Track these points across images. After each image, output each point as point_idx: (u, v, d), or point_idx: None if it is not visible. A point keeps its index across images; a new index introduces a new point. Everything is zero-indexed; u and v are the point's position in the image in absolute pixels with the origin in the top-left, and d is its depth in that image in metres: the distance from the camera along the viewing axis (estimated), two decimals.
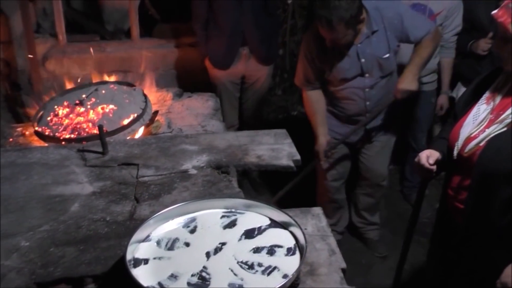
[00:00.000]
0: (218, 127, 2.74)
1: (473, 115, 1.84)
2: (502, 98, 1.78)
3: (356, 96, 2.84)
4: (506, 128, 1.71)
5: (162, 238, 1.50)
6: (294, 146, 2.20)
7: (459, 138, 1.85)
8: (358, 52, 2.71)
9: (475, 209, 1.83)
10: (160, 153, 2.16)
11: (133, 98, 2.69)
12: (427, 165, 1.96)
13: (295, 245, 1.44)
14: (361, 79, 2.79)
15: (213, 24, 3.42)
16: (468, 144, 1.81)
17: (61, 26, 3.69)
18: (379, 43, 2.70)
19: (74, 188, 1.91)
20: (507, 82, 1.79)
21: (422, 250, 3.23)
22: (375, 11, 2.63)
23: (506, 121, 1.71)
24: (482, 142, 1.76)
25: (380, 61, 2.74)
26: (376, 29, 2.66)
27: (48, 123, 2.56)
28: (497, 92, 1.81)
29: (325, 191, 3.29)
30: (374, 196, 3.32)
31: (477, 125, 1.80)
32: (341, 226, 3.44)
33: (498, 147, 1.70)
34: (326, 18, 2.46)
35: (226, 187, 1.90)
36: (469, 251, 1.90)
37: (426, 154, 1.98)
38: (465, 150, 1.82)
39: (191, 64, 3.82)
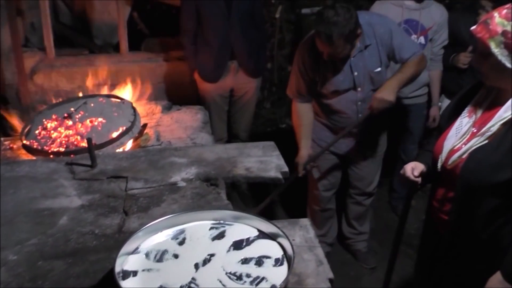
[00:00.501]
0: (207, 140, 2.77)
1: (456, 128, 1.87)
2: (483, 111, 1.82)
3: (348, 109, 2.88)
4: (487, 141, 1.74)
5: (151, 250, 1.50)
6: (282, 158, 2.22)
7: (442, 150, 1.88)
8: (351, 65, 2.75)
9: (459, 220, 1.85)
10: (149, 165, 2.16)
11: (122, 111, 2.70)
12: (412, 177, 1.99)
13: (283, 256, 1.45)
14: (353, 92, 2.82)
15: (201, 38, 3.45)
16: (451, 157, 1.84)
17: (50, 40, 3.71)
18: (371, 57, 2.74)
19: (62, 201, 1.91)
20: (488, 96, 1.83)
21: (410, 262, 3.25)
22: (368, 26, 2.68)
23: (487, 133, 1.74)
24: (465, 154, 1.79)
25: (372, 75, 2.78)
26: (368, 43, 2.71)
27: (36, 137, 2.56)
28: (478, 105, 1.84)
29: (316, 201, 3.31)
30: (364, 205, 3.35)
31: (460, 138, 1.83)
32: (330, 237, 3.45)
33: (480, 160, 1.73)
34: (326, 34, 2.49)
35: (215, 199, 1.91)
36: (454, 262, 1.93)
37: (411, 166, 2.01)
38: (449, 163, 1.85)
39: (180, 77, 3.84)
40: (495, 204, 1.75)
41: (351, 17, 2.50)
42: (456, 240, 1.89)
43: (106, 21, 4.02)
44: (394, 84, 2.71)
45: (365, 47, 2.71)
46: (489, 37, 1.66)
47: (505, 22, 1.63)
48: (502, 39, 1.63)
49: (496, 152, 1.70)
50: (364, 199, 3.32)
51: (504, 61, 1.65)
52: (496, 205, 1.75)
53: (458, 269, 1.92)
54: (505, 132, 1.70)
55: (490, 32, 1.65)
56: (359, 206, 3.36)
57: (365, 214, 3.42)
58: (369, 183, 3.25)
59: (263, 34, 3.69)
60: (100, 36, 4.09)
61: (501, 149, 1.69)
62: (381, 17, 2.82)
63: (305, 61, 2.80)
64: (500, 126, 1.72)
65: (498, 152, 1.69)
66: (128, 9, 4.01)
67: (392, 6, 3.27)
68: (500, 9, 1.68)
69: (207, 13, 3.34)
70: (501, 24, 1.64)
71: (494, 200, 1.74)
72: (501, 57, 1.65)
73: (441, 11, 3.36)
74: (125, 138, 2.53)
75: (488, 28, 1.66)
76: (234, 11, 3.32)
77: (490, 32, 1.65)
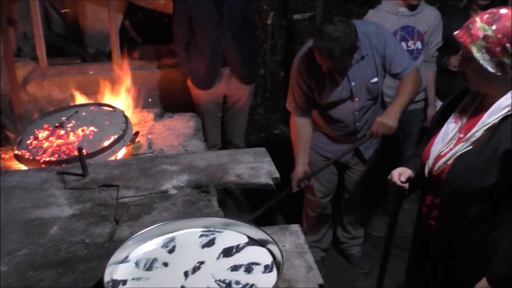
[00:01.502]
0: (199, 147, 2.77)
1: (442, 134, 1.87)
2: (469, 116, 1.82)
3: (346, 119, 2.89)
4: (472, 146, 1.74)
5: (141, 258, 1.50)
6: (273, 164, 2.22)
7: (429, 156, 1.89)
8: (348, 76, 2.75)
9: (445, 226, 1.85)
10: (140, 173, 2.17)
11: (113, 119, 2.70)
12: (398, 183, 1.98)
13: (273, 262, 1.46)
14: (350, 102, 2.83)
15: (193, 46, 3.47)
16: (437, 162, 1.84)
17: (42, 49, 3.72)
18: (368, 68, 2.75)
19: (53, 211, 1.91)
20: (474, 101, 1.83)
21: (404, 266, 3.23)
22: (364, 36, 2.67)
23: (472, 139, 1.74)
24: (450, 160, 1.79)
25: (368, 85, 2.79)
26: (365, 54, 2.71)
27: (28, 146, 2.56)
28: (465, 110, 1.84)
29: (313, 207, 3.30)
30: (359, 210, 3.35)
31: (446, 144, 1.83)
32: (325, 243, 3.45)
33: (465, 165, 1.74)
34: (327, 50, 2.49)
35: (205, 206, 1.91)
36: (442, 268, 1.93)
37: (398, 171, 2.01)
38: (435, 168, 1.85)
39: (172, 84, 3.86)
40: (480, 210, 1.75)
41: (350, 31, 2.50)
42: (443, 245, 1.90)
43: (99, 30, 4.03)
44: (396, 110, 2.71)
45: (361, 58, 2.72)
46: (471, 41, 1.66)
47: (486, 26, 1.64)
48: (484, 43, 1.64)
49: (480, 158, 1.70)
50: (359, 205, 3.33)
51: (486, 65, 1.65)
52: (481, 211, 1.75)
53: (446, 274, 1.92)
54: (489, 137, 1.70)
55: (472, 36, 1.66)
56: (354, 211, 3.37)
57: (360, 219, 3.42)
58: (365, 189, 3.26)
59: (255, 41, 3.71)
60: (93, 45, 4.10)
61: (485, 154, 1.69)
62: (376, 26, 2.82)
63: (302, 73, 2.80)
64: (484, 131, 1.72)
65: (482, 158, 1.69)
66: (120, 17, 4.03)
67: (387, 14, 3.29)
68: (482, 14, 1.69)
69: (199, 20, 3.35)
70: (482, 29, 1.64)
71: (479, 206, 1.74)
72: (483, 62, 1.65)
73: (435, 13, 3.39)
74: (116, 147, 2.53)
75: (470, 33, 1.67)
76: (225, 18, 3.33)
77: (471, 36, 1.66)
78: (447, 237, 1.86)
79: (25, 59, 3.85)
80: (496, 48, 1.62)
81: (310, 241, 3.38)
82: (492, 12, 1.67)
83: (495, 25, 1.63)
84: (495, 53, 1.63)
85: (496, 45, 1.62)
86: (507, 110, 1.67)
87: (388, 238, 2.29)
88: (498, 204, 1.73)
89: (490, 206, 1.74)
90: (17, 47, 3.88)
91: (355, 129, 2.94)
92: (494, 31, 1.62)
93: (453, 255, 1.87)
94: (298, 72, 2.81)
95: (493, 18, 1.64)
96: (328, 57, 2.53)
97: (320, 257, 3.40)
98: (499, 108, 1.69)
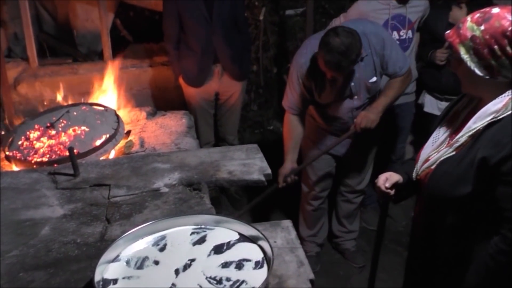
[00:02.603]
0: (192, 144, 2.76)
1: (433, 138, 1.79)
2: (462, 121, 1.72)
3: (344, 116, 2.91)
4: (455, 152, 1.66)
5: (132, 257, 1.50)
6: (265, 161, 2.22)
7: (419, 159, 1.82)
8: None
9: (422, 235, 1.81)
10: (132, 172, 2.16)
11: (105, 118, 2.70)
12: (382, 188, 1.91)
13: (263, 258, 1.46)
14: (349, 100, 2.85)
15: (184, 43, 3.45)
16: (422, 166, 1.78)
17: (33, 50, 3.70)
18: (367, 68, 2.76)
19: (44, 211, 1.90)
20: (468, 105, 1.73)
21: (399, 259, 3.27)
22: (363, 37, 2.65)
23: (455, 145, 1.66)
24: (434, 165, 1.72)
25: (368, 85, 2.81)
26: (364, 54, 2.71)
27: (19, 147, 2.55)
28: (457, 115, 1.76)
29: (309, 201, 3.32)
30: (354, 202, 3.37)
31: (436, 148, 1.75)
32: (321, 237, 3.46)
33: (444, 171, 1.66)
34: (335, 63, 2.51)
35: (197, 203, 1.91)
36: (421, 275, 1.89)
37: (385, 176, 1.93)
38: (419, 172, 1.80)
39: (164, 83, 3.85)
40: (457, 220, 1.67)
41: (356, 42, 2.51)
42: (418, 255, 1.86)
43: (90, 29, 4.02)
44: (379, 108, 2.79)
45: (361, 59, 2.71)
46: (459, 42, 1.57)
47: (474, 26, 1.54)
48: (471, 44, 1.54)
49: (460, 165, 1.62)
50: (354, 197, 3.34)
51: (474, 67, 1.56)
52: (458, 222, 1.67)
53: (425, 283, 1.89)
54: (471, 144, 1.61)
55: (460, 36, 1.57)
56: (350, 204, 3.37)
57: (355, 212, 3.43)
58: (360, 181, 3.27)
59: (246, 38, 3.69)
60: (84, 44, 4.09)
61: (464, 161, 1.61)
62: (374, 26, 2.82)
63: (302, 75, 2.79)
64: (467, 137, 1.62)
65: (461, 165, 1.61)
66: (111, 16, 4.01)
67: (378, 4, 3.29)
68: (474, 13, 1.58)
69: (189, 18, 3.34)
70: (470, 29, 1.55)
71: (456, 216, 1.67)
72: (471, 64, 1.56)
73: (423, 1, 3.39)
74: (108, 146, 2.53)
75: (459, 33, 1.58)
76: (215, 16, 3.32)
77: (460, 36, 1.57)
78: (423, 245, 1.81)
79: (16, 59, 3.83)
80: (483, 50, 1.53)
81: (306, 235, 3.40)
82: (484, 11, 1.56)
83: (484, 25, 1.53)
84: (482, 55, 1.53)
85: (483, 47, 1.52)
86: (492, 116, 1.57)
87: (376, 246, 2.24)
88: (475, 216, 1.65)
89: (467, 217, 1.65)
90: (8, 47, 3.86)
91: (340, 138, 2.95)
92: (482, 31, 1.52)
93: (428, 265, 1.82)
94: (297, 72, 2.80)
95: (483, 18, 1.54)
96: (336, 69, 2.55)
97: (315, 252, 3.42)
98: (484, 114, 1.59)
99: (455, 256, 1.73)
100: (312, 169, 3.20)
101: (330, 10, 4.46)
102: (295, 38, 4.55)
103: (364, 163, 3.22)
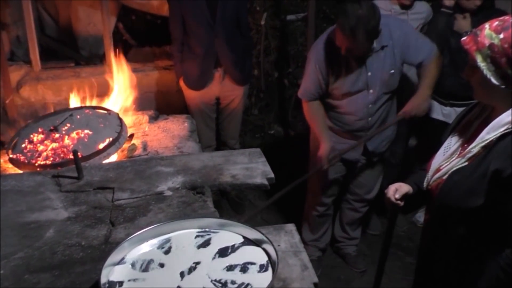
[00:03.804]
0: (194, 148, 2.78)
1: (444, 147, 1.78)
2: (474, 131, 1.70)
3: (359, 112, 2.86)
4: (467, 163, 1.65)
5: (137, 260, 1.51)
6: (268, 165, 2.23)
7: (430, 169, 1.81)
8: (366, 65, 2.73)
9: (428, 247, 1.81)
10: (135, 176, 2.17)
11: (108, 122, 2.71)
12: (392, 199, 1.91)
13: (268, 262, 1.47)
14: (365, 94, 2.80)
15: (187, 46, 3.47)
16: (434, 176, 1.77)
17: (35, 53, 3.72)
18: (386, 59, 2.73)
19: (49, 214, 1.91)
20: (481, 115, 1.72)
21: (399, 263, 3.29)
22: (385, 27, 2.65)
23: (468, 155, 1.64)
24: (445, 175, 1.71)
25: (385, 77, 2.77)
26: (385, 44, 2.70)
27: (23, 150, 2.56)
28: (470, 124, 1.74)
29: (316, 207, 3.30)
30: (360, 211, 3.35)
31: (448, 158, 1.73)
32: (323, 242, 3.46)
33: (456, 182, 1.65)
34: (350, 27, 2.46)
35: (201, 207, 1.92)
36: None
37: (395, 187, 1.93)
38: (430, 182, 1.79)
39: (166, 86, 3.87)
40: (467, 231, 1.67)
41: (374, 13, 2.49)
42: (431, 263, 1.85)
43: (92, 33, 4.04)
44: (426, 92, 2.80)
45: (381, 48, 2.70)
46: (476, 49, 1.55)
47: (493, 34, 1.52)
48: (489, 52, 1.52)
49: (472, 176, 1.61)
50: (361, 206, 3.33)
51: (490, 76, 1.54)
52: (468, 232, 1.67)
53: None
54: (484, 155, 1.59)
55: (478, 44, 1.54)
56: (355, 212, 3.36)
57: (359, 220, 3.42)
58: (368, 191, 3.25)
59: (248, 42, 3.71)
60: (86, 48, 4.11)
61: (477, 173, 1.59)
62: (397, 20, 2.84)
63: (319, 59, 2.77)
64: (480, 148, 1.61)
65: (473, 176, 1.60)
66: (114, 20, 4.03)
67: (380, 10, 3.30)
68: (492, 21, 1.57)
69: (192, 21, 3.36)
70: (489, 37, 1.53)
71: (466, 227, 1.66)
72: (487, 72, 1.54)
73: (426, 7, 3.41)
74: (111, 149, 2.54)
75: (476, 40, 1.55)
76: (218, 20, 3.34)
77: (477, 44, 1.55)
78: (433, 255, 1.81)
79: (19, 63, 3.85)
80: (501, 59, 1.50)
81: (308, 240, 3.40)
82: (503, 19, 1.55)
83: (503, 34, 1.50)
84: (500, 64, 1.51)
85: (501, 56, 1.50)
86: (506, 127, 1.56)
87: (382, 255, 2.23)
88: (486, 227, 1.64)
89: (478, 229, 1.64)
90: (10, 51, 3.88)
91: (367, 124, 2.90)
92: (501, 40, 1.50)
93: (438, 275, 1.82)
94: (315, 59, 2.79)
95: (502, 26, 1.52)
96: (350, 35, 2.48)
97: (316, 257, 3.42)
98: (498, 124, 1.57)
99: (465, 267, 1.72)
100: (321, 175, 3.14)
101: (331, 15, 4.49)
102: (296, 43, 4.58)
103: (374, 172, 3.19)
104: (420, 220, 3.70)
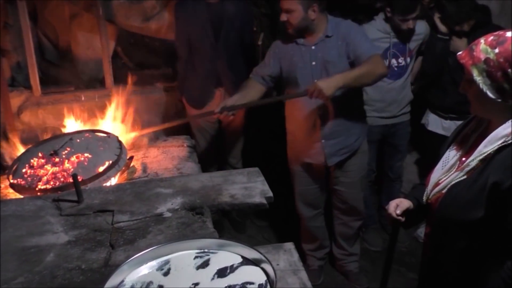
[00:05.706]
0: (194, 169, 2.79)
1: (442, 161, 1.80)
2: (471, 144, 1.73)
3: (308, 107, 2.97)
4: (466, 176, 1.66)
5: (136, 282, 1.51)
6: (267, 184, 2.25)
7: (429, 183, 1.82)
8: (310, 54, 2.89)
9: (431, 261, 1.81)
10: (135, 198, 2.18)
11: (107, 145, 2.73)
12: (393, 215, 1.91)
13: (266, 281, 1.47)
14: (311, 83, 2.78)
15: (190, 65, 3.53)
16: (433, 190, 1.78)
17: (35, 79, 3.76)
18: (330, 50, 2.86)
19: (49, 238, 1.92)
20: (478, 128, 1.74)
21: (401, 279, 3.27)
22: (333, 20, 2.88)
23: (466, 169, 1.66)
24: (444, 189, 1.72)
25: (328, 67, 2.86)
26: (330, 34, 2.85)
27: (23, 175, 2.58)
28: (467, 138, 1.76)
29: (304, 220, 3.40)
30: (351, 227, 3.37)
31: (446, 171, 1.75)
32: (321, 253, 3.51)
33: (455, 195, 1.67)
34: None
35: (200, 227, 1.93)
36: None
37: (396, 203, 1.94)
38: (429, 196, 1.80)
39: (165, 108, 3.90)
40: (468, 244, 1.67)
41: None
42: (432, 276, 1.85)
43: (91, 57, 4.08)
44: (338, 79, 2.64)
45: (326, 37, 2.85)
46: (472, 63, 1.57)
47: (488, 49, 1.55)
48: (485, 67, 1.55)
49: (471, 189, 1.62)
50: (350, 220, 3.34)
51: (486, 90, 1.56)
52: (469, 245, 1.67)
53: None
54: (482, 168, 1.61)
55: (474, 58, 1.57)
56: (346, 227, 3.38)
57: (354, 236, 3.43)
58: (352, 208, 3.28)
59: (251, 64, 3.75)
60: (86, 72, 4.15)
61: (476, 186, 1.61)
62: (351, 22, 2.95)
63: (276, 43, 3.04)
64: (478, 161, 1.63)
65: (472, 189, 1.62)
66: (112, 44, 4.08)
67: (379, 32, 3.36)
68: (487, 36, 1.59)
69: (196, 40, 3.43)
70: (484, 51, 1.55)
71: (467, 240, 1.67)
72: (483, 86, 1.56)
73: (424, 27, 3.45)
74: (111, 172, 2.56)
75: (472, 54, 1.58)
76: (221, 40, 3.40)
77: (473, 58, 1.57)
78: (434, 268, 1.81)
79: (19, 88, 3.89)
80: (497, 73, 1.53)
81: (306, 249, 3.49)
82: (498, 34, 1.58)
83: (498, 48, 1.53)
84: (495, 78, 1.54)
85: (497, 70, 1.53)
86: (503, 140, 1.58)
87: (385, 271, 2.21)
88: (487, 240, 1.64)
89: (479, 241, 1.65)
90: (11, 76, 3.92)
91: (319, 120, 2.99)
92: (496, 54, 1.53)
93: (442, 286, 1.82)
94: (274, 44, 3.08)
95: (497, 40, 1.55)
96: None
97: (317, 266, 3.47)
98: (495, 137, 1.60)
99: (466, 280, 1.72)
100: (299, 197, 3.31)
101: None
102: None
103: (352, 190, 3.23)
104: (421, 236, 3.70)
